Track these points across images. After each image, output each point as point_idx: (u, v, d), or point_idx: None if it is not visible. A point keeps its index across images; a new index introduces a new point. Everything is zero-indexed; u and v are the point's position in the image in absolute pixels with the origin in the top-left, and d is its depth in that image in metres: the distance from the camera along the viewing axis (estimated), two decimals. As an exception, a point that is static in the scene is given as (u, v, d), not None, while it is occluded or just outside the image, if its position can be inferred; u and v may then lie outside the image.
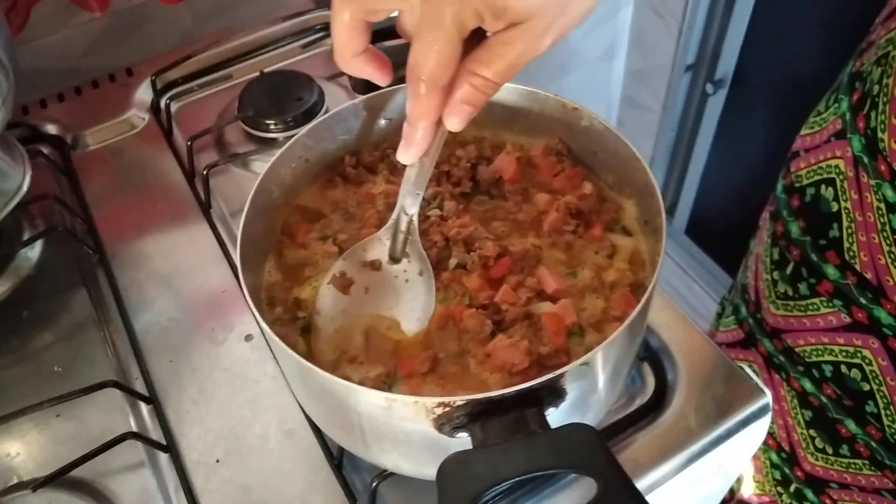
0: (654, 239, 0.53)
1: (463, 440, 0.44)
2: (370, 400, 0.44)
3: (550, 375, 0.42)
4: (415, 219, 0.55)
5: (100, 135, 0.89)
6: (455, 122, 0.44)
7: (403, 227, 0.55)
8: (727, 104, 1.61)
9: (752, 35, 1.48)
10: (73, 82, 0.94)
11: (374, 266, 0.56)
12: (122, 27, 0.97)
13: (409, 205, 0.54)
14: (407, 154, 0.47)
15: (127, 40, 0.98)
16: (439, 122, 0.46)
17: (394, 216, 0.55)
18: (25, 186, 0.73)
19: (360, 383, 0.51)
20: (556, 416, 0.45)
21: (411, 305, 0.55)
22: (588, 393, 0.48)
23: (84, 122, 0.89)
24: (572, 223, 0.59)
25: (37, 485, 0.57)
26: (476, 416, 0.42)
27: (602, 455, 0.38)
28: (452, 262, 0.57)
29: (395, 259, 0.56)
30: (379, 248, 0.56)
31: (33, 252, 0.77)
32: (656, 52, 1.62)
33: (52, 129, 0.89)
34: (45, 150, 0.85)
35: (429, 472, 0.49)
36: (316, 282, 0.57)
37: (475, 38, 0.43)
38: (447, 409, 0.42)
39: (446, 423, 0.43)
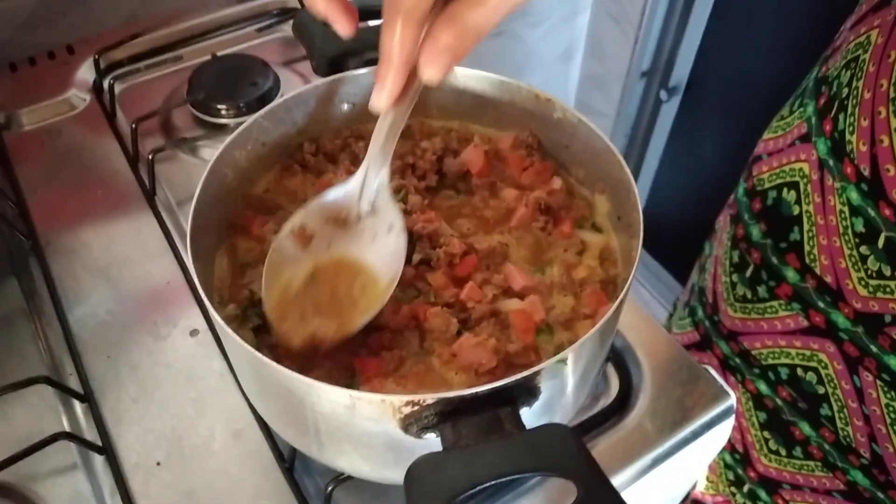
0: (628, 235, 0.52)
1: (430, 442, 0.41)
2: (332, 398, 0.40)
3: (527, 373, 0.40)
4: (386, 172, 0.50)
5: (36, 115, 0.83)
6: (432, 73, 0.40)
7: (373, 180, 0.51)
8: (680, 111, 1.63)
9: (706, 43, 1.50)
10: (7, 59, 0.88)
11: (339, 220, 0.52)
12: (64, 2, 0.91)
13: (380, 157, 0.50)
14: (380, 97, 0.43)
15: (68, 16, 0.92)
16: (415, 72, 0.42)
17: (362, 168, 0.50)
18: (-49, 165, 0.68)
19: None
20: (527, 417, 0.43)
21: (380, 263, 0.51)
22: (561, 392, 0.46)
23: (19, 101, 0.83)
24: (541, 219, 0.57)
25: (-45, 490, 0.53)
26: (447, 415, 0.39)
27: (582, 457, 0.36)
28: (416, 257, 0.55)
29: (361, 215, 0.52)
30: (344, 202, 0.52)
31: (-42, 237, 0.71)
32: (612, 57, 1.62)
33: (-18, 107, 0.83)
34: (-25, 129, 0.79)
35: (391, 475, 0.47)
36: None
37: None
38: (416, 408, 0.39)
39: (414, 423, 0.40)
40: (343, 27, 0.44)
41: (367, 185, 0.51)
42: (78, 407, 0.60)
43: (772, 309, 0.70)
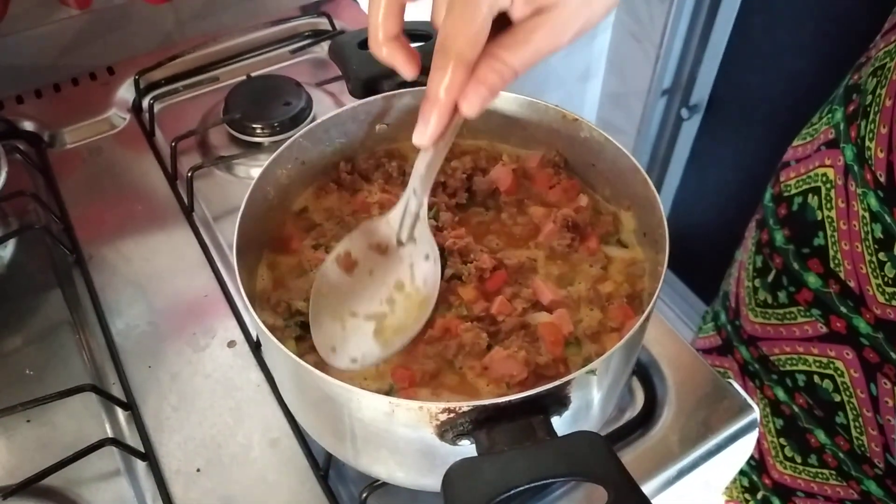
0: (654, 251, 0.53)
1: (464, 449, 0.43)
2: (372, 405, 0.42)
3: (558, 382, 0.41)
4: (425, 203, 0.53)
5: (78, 133, 0.86)
6: (471, 106, 0.43)
7: (413, 210, 0.53)
8: (701, 129, 1.64)
9: (727, 61, 1.51)
10: (51, 79, 0.91)
11: (381, 248, 0.55)
12: (104, 25, 0.95)
13: (419, 189, 0.52)
14: (423, 135, 0.45)
15: (108, 39, 0.96)
16: (455, 109, 0.45)
17: (403, 198, 0.53)
18: (0, 182, 0.71)
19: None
20: (557, 426, 0.44)
21: (417, 289, 0.53)
22: (589, 402, 0.47)
23: (62, 120, 0.86)
24: (568, 236, 0.58)
25: (7, 493, 0.55)
26: (481, 422, 0.41)
27: (612, 463, 0.38)
28: (447, 272, 0.57)
29: (401, 242, 0.55)
30: (386, 230, 0.55)
31: (5, 251, 0.74)
32: (633, 76, 1.64)
33: (28, 125, 0.86)
34: (21, 147, 0.83)
35: (425, 481, 0.48)
36: (308, 286, 0.56)
37: (498, 27, 0.43)
38: (452, 415, 0.41)
39: (450, 429, 0.42)
40: (407, 71, 0.47)
41: (407, 215, 0.53)
42: (121, 415, 0.62)
43: (791, 315, 0.71)
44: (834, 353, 0.67)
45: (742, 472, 0.83)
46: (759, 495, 0.81)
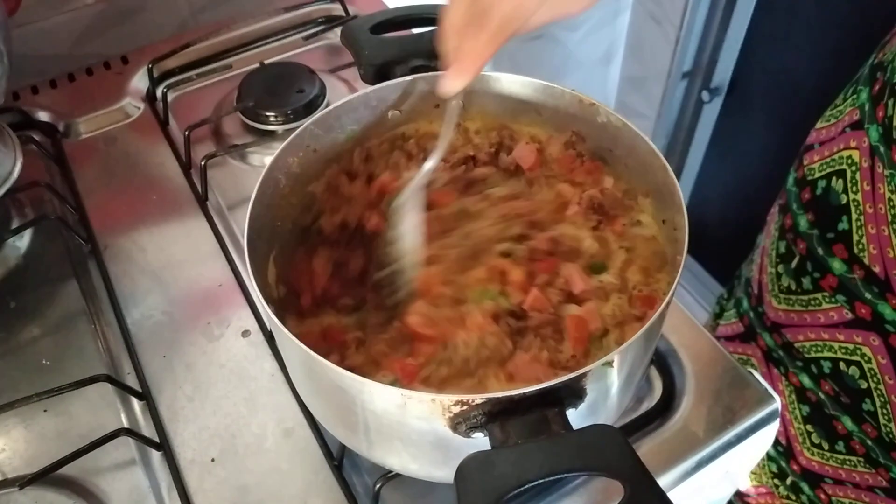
0: (672, 237, 0.52)
1: (478, 441, 0.42)
2: (384, 396, 0.42)
3: (573, 374, 0.40)
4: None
5: (93, 123, 0.86)
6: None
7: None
8: (723, 112, 1.61)
9: (749, 43, 1.48)
10: (65, 69, 0.91)
11: None
12: (117, 14, 0.95)
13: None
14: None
15: (122, 28, 0.96)
16: None
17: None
18: (16, 172, 0.71)
19: None
20: (573, 418, 0.43)
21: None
22: (606, 393, 0.46)
23: (77, 110, 0.86)
24: (594, 218, 0.57)
25: (24, 482, 0.55)
26: (495, 415, 0.40)
27: (629, 458, 0.37)
28: (500, 246, 0.55)
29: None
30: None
31: (22, 241, 0.74)
32: (653, 58, 1.62)
33: (43, 115, 0.86)
34: (37, 137, 0.83)
35: (439, 473, 0.48)
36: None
37: None
38: (465, 407, 0.40)
39: (463, 422, 0.41)
40: None
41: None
42: (136, 404, 0.62)
43: (815, 301, 0.69)
44: (860, 340, 0.66)
45: (770, 458, 0.82)
46: (789, 481, 0.80)
